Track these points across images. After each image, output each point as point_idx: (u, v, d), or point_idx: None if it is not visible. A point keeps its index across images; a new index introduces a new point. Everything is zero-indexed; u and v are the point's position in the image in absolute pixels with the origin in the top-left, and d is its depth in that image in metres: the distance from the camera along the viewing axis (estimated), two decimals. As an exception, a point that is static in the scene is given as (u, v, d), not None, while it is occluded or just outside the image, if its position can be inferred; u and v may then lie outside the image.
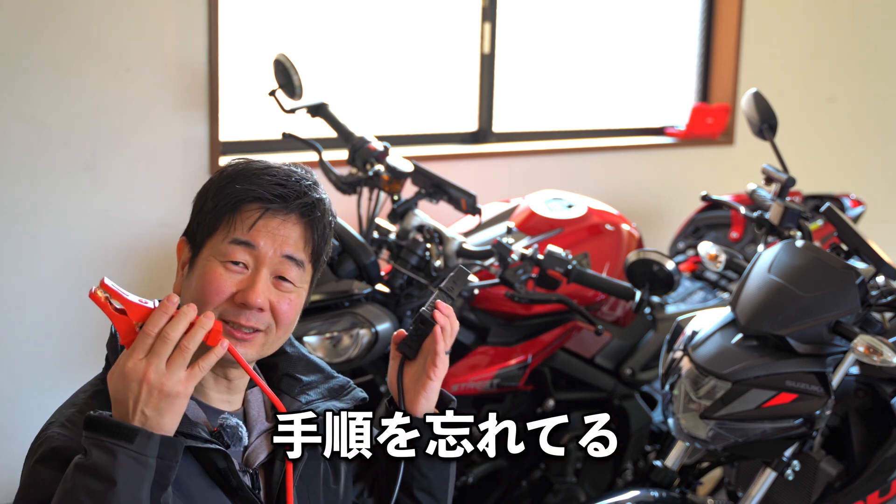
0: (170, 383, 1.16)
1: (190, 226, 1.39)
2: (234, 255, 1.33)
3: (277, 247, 1.35)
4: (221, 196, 1.35)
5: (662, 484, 2.20)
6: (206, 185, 1.40)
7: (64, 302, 3.00)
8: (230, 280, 1.33)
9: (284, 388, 1.45)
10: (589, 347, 2.81)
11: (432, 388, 1.46)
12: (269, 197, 1.34)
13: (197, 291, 1.33)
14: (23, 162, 2.89)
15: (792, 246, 2.22)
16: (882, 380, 2.25)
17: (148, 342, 1.17)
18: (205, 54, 3.11)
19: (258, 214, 1.34)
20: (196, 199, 1.40)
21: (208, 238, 1.35)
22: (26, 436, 3.21)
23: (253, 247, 1.34)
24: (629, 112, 4.45)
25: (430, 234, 2.59)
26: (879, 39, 5.04)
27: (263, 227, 1.34)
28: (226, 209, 1.34)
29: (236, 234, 1.33)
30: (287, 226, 1.36)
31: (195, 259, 1.36)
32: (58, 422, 1.31)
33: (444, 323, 1.45)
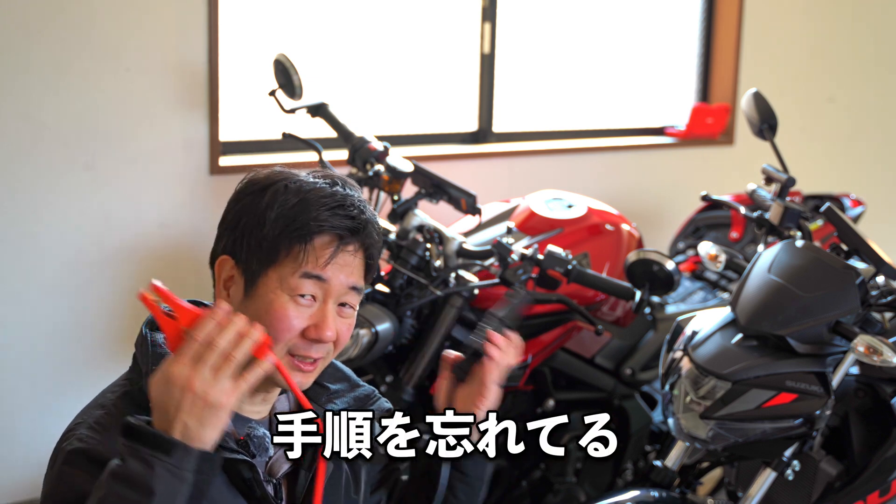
0: (214, 393, 1.12)
1: (235, 246, 1.33)
2: (305, 290, 1.31)
3: (346, 279, 1.34)
4: (284, 223, 1.30)
5: (662, 484, 2.19)
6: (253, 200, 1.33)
7: (64, 302, 3.00)
8: (300, 314, 1.31)
9: (311, 396, 1.44)
10: (589, 347, 2.81)
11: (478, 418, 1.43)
12: (342, 231, 1.32)
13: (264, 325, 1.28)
14: (23, 162, 2.89)
15: (792, 246, 2.22)
16: (882, 380, 2.25)
17: (195, 349, 1.13)
18: (205, 54, 3.11)
19: (332, 249, 1.31)
20: (238, 213, 1.34)
21: (270, 266, 1.31)
22: (26, 436, 3.23)
23: (324, 281, 1.32)
24: (629, 112, 4.45)
25: (430, 234, 2.59)
26: (879, 39, 5.04)
27: (335, 262, 1.32)
28: (294, 240, 1.30)
29: (308, 268, 1.30)
30: (355, 258, 1.35)
31: (254, 287, 1.32)
32: (85, 423, 1.28)
33: (495, 355, 1.43)
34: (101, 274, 3.05)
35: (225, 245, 1.35)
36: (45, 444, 3.06)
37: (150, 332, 1.34)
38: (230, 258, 1.34)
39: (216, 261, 1.36)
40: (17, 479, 2.99)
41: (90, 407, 1.32)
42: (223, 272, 1.35)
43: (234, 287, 1.34)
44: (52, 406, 3.02)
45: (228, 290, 1.35)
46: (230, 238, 1.34)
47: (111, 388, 1.35)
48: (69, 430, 1.29)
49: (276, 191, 1.32)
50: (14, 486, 2.99)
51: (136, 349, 1.36)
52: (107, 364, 3.08)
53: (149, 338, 1.33)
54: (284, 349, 1.32)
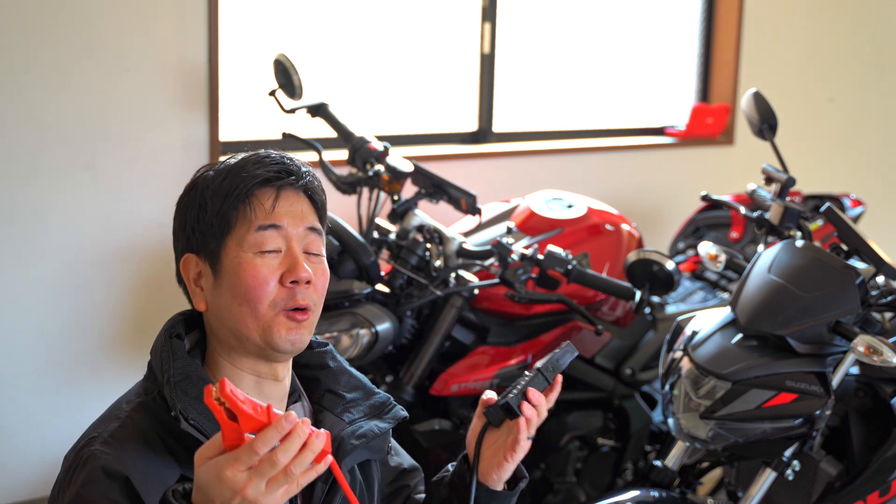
0: (265, 501, 1.09)
1: (190, 240, 1.36)
2: (266, 243, 1.32)
3: (299, 222, 1.35)
4: (223, 194, 1.33)
5: (662, 484, 2.20)
6: (188, 196, 1.37)
7: (64, 301, 3.00)
8: (270, 266, 1.32)
9: (327, 405, 1.44)
10: (589, 347, 2.81)
11: (507, 469, 1.44)
12: (275, 176, 1.35)
13: (240, 292, 1.31)
14: (23, 162, 2.89)
15: (792, 246, 2.22)
16: (882, 380, 2.25)
17: (254, 458, 1.08)
18: (205, 54, 3.11)
19: (273, 195, 1.34)
20: (181, 214, 1.38)
21: (226, 236, 1.33)
22: (26, 436, 3.22)
23: (279, 227, 1.33)
24: (629, 112, 4.45)
25: (430, 234, 2.59)
26: (879, 39, 5.04)
27: (281, 206, 1.34)
28: (236, 202, 1.33)
29: (259, 220, 1.33)
30: (300, 200, 1.37)
31: (219, 264, 1.33)
32: (101, 437, 1.27)
33: (530, 415, 1.42)
34: (101, 274, 3.05)
35: (181, 248, 1.38)
36: (44, 443, 3.08)
37: (168, 339, 1.33)
38: (191, 254, 1.36)
39: (180, 269, 1.37)
40: (17, 479, 2.99)
41: (105, 419, 1.31)
42: (189, 272, 1.37)
43: (204, 279, 1.35)
44: (51, 406, 3.02)
45: (200, 286, 1.36)
46: (183, 239, 1.37)
47: (126, 398, 1.34)
48: (85, 444, 1.27)
49: (203, 178, 1.38)
50: (14, 487, 2.99)
51: (152, 356, 1.35)
52: (107, 364, 3.08)
53: (169, 345, 1.32)
54: (274, 307, 1.32)
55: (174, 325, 1.37)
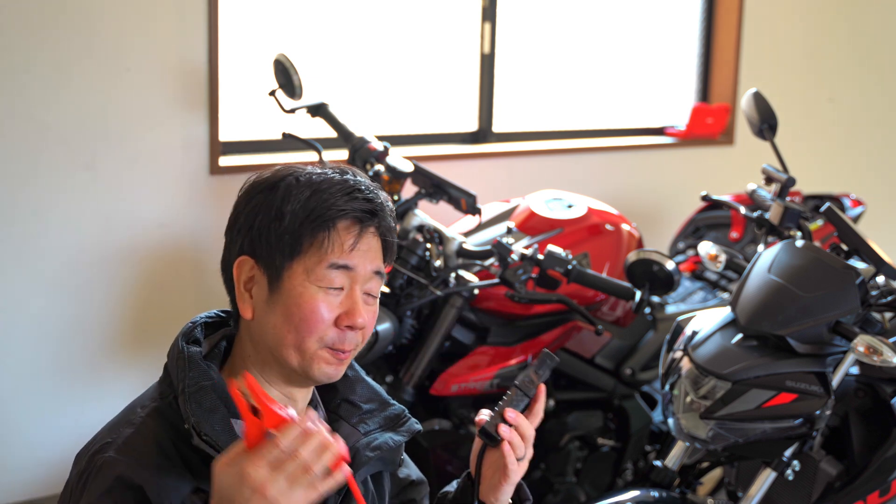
0: (285, 501, 1.09)
1: (254, 244, 1.31)
2: (334, 281, 1.30)
3: (369, 264, 1.33)
4: (305, 214, 1.29)
5: (662, 484, 2.20)
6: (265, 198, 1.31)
7: (64, 301, 3.00)
8: (330, 305, 1.30)
9: (343, 415, 1.43)
10: (589, 347, 2.81)
11: (504, 491, 1.43)
12: (361, 215, 1.31)
13: (295, 320, 1.29)
14: (23, 162, 2.89)
15: (792, 246, 2.22)
16: (882, 380, 2.25)
17: (275, 454, 1.09)
18: (205, 54, 3.11)
19: (355, 235, 1.31)
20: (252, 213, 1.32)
21: (295, 258, 1.29)
22: (26, 436, 3.22)
23: (351, 269, 1.31)
24: (629, 112, 4.45)
25: (430, 234, 2.59)
26: (879, 40, 5.04)
27: (359, 246, 1.31)
28: (317, 228, 1.29)
29: (334, 257, 1.30)
30: (376, 241, 1.34)
31: (279, 282, 1.30)
32: (115, 443, 1.25)
33: (510, 437, 1.40)
34: (101, 274, 3.05)
35: (241, 246, 1.33)
36: (45, 443, 3.08)
37: (186, 345, 1.31)
38: (249, 258, 1.32)
39: (234, 264, 1.33)
40: (17, 479, 2.99)
41: (119, 423, 1.29)
42: (242, 274, 1.33)
43: (257, 287, 1.32)
44: (52, 406, 3.02)
45: (250, 291, 1.33)
46: (246, 239, 1.32)
47: (141, 403, 1.32)
48: (98, 449, 1.26)
49: (288, 185, 1.31)
50: (14, 486, 2.99)
51: (168, 360, 1.33)
52: (106, 364, 3.08)
53: (186, 352, 1.30)
54: (320, 343, 1.30)
55: (191, 330, 1.35)
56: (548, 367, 1.44)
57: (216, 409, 1.26)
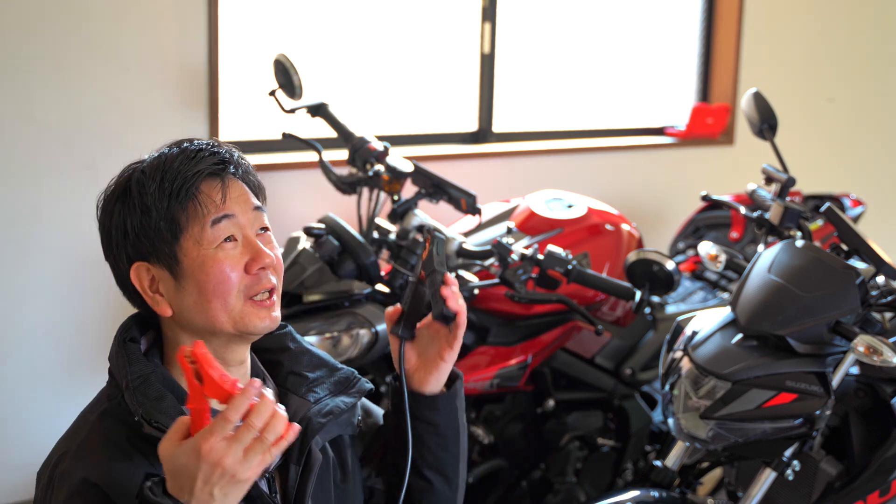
0: (243, 470, 1.12)
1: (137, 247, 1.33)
2: (223, 234, 1.33)
3: (246, 206, 1.36)
4: (168, 196, 1.32)
5: (662, 484, 2.19)
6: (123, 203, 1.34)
7: (64, 302, 3.00)
8: (232, 258, 1.33)
9: (291, 387, 1.44)
10: (589, 347, 2.81)
11: (444, 370, 1.46)
12: (216, 168, 1.35)
13: (208, 289, 1.31)
14: (23, 162, 2.89)
15: (792, 246, 2.22)
16: (882, 380, 2.25)
17: (227, 427, 1.12)
18: (205, 54, 3.11)
19: (220, 186, 1.34)
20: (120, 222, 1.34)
21: (180, 237, 1.32)
22: (26, 436, 3.22)
23: (232, 216, 1.34)
24: (629, 112, 4.45)
25: (431, 234, 2.58)
26: (879, 39, 5.04)
27: (230, 195, 1.34)
28: (185, 200, 1.32)
29: (212, 214, 1.32)
30: (240, 185, 1.37)
31: (178, 266, 1.32)
32: (70, 452, 1.27)
33: (461, 308, 1.43)
34: (101, 274, 3.02)
35: (128, 256, 1.35)
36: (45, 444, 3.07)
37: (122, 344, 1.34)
38: (141, 262, 1.34)
39: (130, 276, 1.35)
40: (16, 479, 2.99)
41: (71, 433, 1.32)
42: (142, 280, 1.35)
43: (162, 284, 1.34)
44: (51, 406, 3.02)
45: (158, 292, 1.35)
46: (128, 248, 1.34)
47: (89, 409, 1.35)
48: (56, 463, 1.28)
49: (137, 181, 1.36)
50: (14, 486, 2.99)
51: (110, 363, 1.36)
52: (106, 363, 3.07)
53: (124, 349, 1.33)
54: (240, 296, 1.32)
55: (127, 329, 1.37)
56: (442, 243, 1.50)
57: (163, 397, 1.29)
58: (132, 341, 1.36)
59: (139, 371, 1.31)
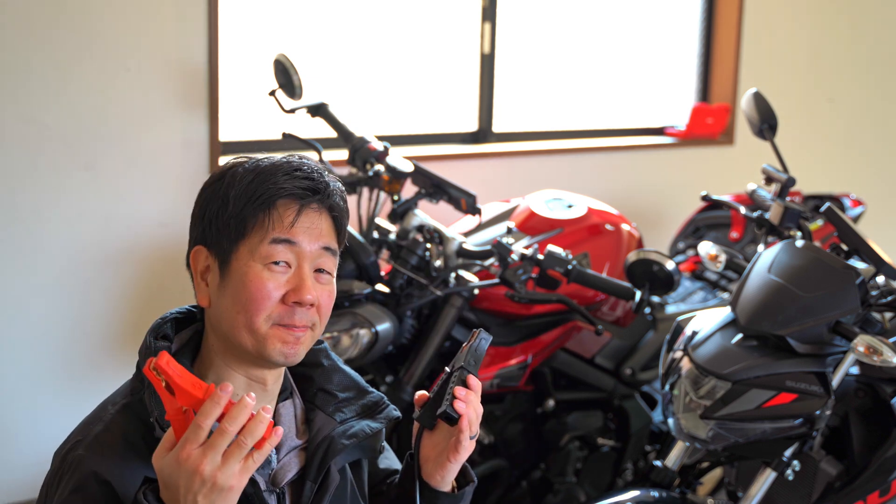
0: (223, 477, 1.12)
1: (205, 233, 1.34)
2: (277, 255, 1.31)
3: (315, 240, 1.33)
4: (247, 197, 1.31)
5: (662, 484, 2.20)
6: (215, 188, 1.35)
7: (64, 301, 3.00)
8: (276, 281, 1.30)
9: (319, 404, 1.43)
10: (589, 347, 2.81)
11: (450, 470, 1.41)
12: (301, 192, 1.32)
13: (242, 299, 1.30)
14: (23, 162, 2.89)
15: (792, 246, 2.22)
16: (882, 380, 2.25)
17: (201, 434, 1.11)
18: (205, 54, 3.11)
19: (295, 210, 1.32)
20: (203, 204, 1.35)
21: (239, 241, 1.31)
22: (26, 435, 3.22)
23: (294, 244, 1.32)
24: (629, 112, 4.45)
25: (430, 234, 2.59)
26: (879, 39, 5.04)
27: (301, 223, 1.32)
28: (257, 209, 1.31)
29: (276, 233, 1.31)
30: (321, 218, 1.35)
31: (228, 266, 1.32)
32: (85, 441, 1.27)
33: (465, 413, 1.36)
34: (101, 274, 3.05)
35: (195, 237, 1.36)
36: (45, 444, 3.07)
37: (154, 341, 1.33)
38: (203, 247, 1.35)
39: (189, 257, 1.37)
40: (16, 479, 2.99)
41: (90, 421, 1.31)
42: (198, 264, 1.35)
43: (211, 275, 1.34)
44: (51, 406, 3.02)
45: (206, 281, 1.35)
46: (199, 229, 1.35)
47: (112, 400, 1.34)
48: (69, 450, 1.27)
49: (233, 173, 1.34)
50: (14, 487, 2.99)
51: (139, 357, 1.34)
52: (107, 364, 3.08)
53: (153, 347, 1.31)
54: (269, 321, 1.30)
55: (160, 326, 1.36)
56: (485, 344, 1.45)
57: None
58: (164, 339, 1.35)
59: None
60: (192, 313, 1.43)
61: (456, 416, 1.36)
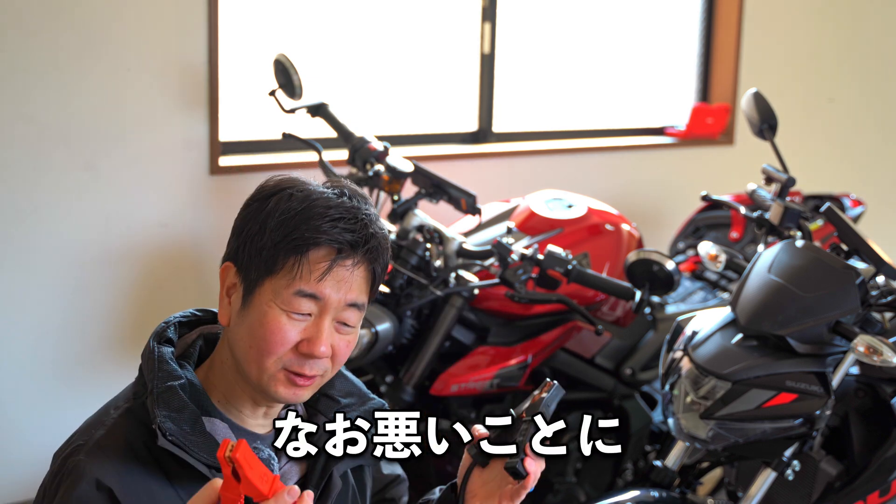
0: None
1: (238, 252, 1.30)
2: (299, 308, 1.27)
3: (343, 295, 1.29)
4: (283, 233, 1.26)
5: (662, 484, 2.20)
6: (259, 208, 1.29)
7: (64, 302, 3.00)
8: (294, 329, 1.27)
9: (321, 409, 1.43)
10: (589, 347, 2.81)
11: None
12: (339, 245, 1.27)
13: (256, 337, 1.28)
14: (23, 162, 2.89)
15: (792, 246, 2.22)
16: (882, 380, 2.25)
17: None
18: (205, 54, 3.11)
19: (327, 265, 1.27)
20: (244, 220, 1.31)
21: (267, 277, 1.27)
22: (26, 435, 3.22)
23: (320, 299, 1.28)
24: (629, 112, 4.45)
25: (430, 234, 2.59)
26: (879, 39, 5.04)
27: (331, 277, 1.27)
28: (290, 251, 1.26)
29: (303, 284, 1.26)
30: (354, 273, 1.29)
31: (251, 297, 1.29)
32: (87, 445, 1.25)
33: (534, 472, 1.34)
34: (101, 274, 3.05)
35: (230, 251, 1.33)
36: (45, 444, 3.07)
37: (157, 345, 1.32)
38: (233, 265, 1.32)
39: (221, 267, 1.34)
40: (17, 479, 2.99)
41: (91, 425, 1.30)
42: (227, 279, 1.33)
43: (235, 295, 1.32)
44: (52, 406, 3.02)
45: (230, 297, 1.32)
46: (235, 244, 1.32)
47: (115, 403, 1.32)
48: (69, 454, 1.26)
49: (280, 198, 1.29)
50: (14, 486, 2.99)
51: (142, 361, 1.33)
52: (107, 364, 3.08)
53: (156, 352, 1.30)
54: (279, 364, 1.28)
55: (164, 331, 1.35)
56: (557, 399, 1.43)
57: (184, 408, 1.26)
58: (167, 343, 1.34)
59: (165, 378, 1.28)
60: (197, 317, 1.42)
61: (524, 474, 1.34)
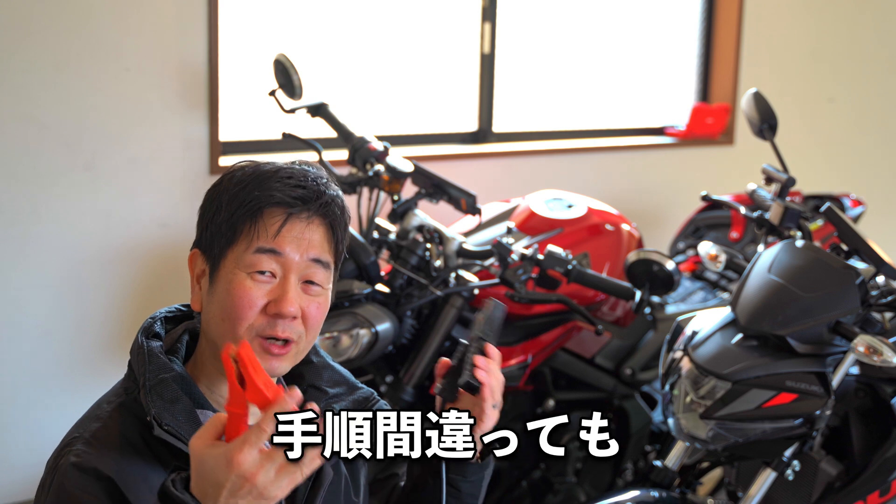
0: (273, 489, 1.08)
1: (201, 237, 1.34)
2: (261, 265, 1.29)
3: (303, 251, 1.30)
4: (237, 203, 1.30)
5: (662, 484, 2.20)
6: (213, 191, 1.34)
7: (64, 301, 3.00)
8: (259, 291, 1.29)
9: (310, 400, 1.40)
10: (589, 347, 2.81)
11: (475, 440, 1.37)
12: (290, 200, 1.30)
13: (226, 307, 1.29)
14: (23, 162, 2.89)
15: (792, 246, 2.22)
16: (882, 380, 2.25)
17: (263, 438, 1.07)
18: (205, 54, 3.11)
19: (281, 220, 1.29)
20: (203, 207, 1.35)
21: (228, 248, 1.30)
22: (26, 435, 3.22)
23: (279, 254, 1.29)
24: (629, 112, 4.45)
25: (430, 234, 2.59)
26: (879, 39, 5.04)
27: (288, 232, 1.29)
28: (245, 217, 1.29)
29: (260, 242, 1.29)
30: (311, 228, 1.31)
31: (216, 272, 1.31)
32: (82, 438, 1.26)
33: (487, 381, 1.36)
34: (101, 274, 3.05)
35: (196, 240, 1.36)
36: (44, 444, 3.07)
37: (146, 339, 1.32)
38: (198, 251, 1.35)
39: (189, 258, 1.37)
40: (17, 479, 2.99)
41: (86, 419, 1.30)
42: (195, 267, 1.35)
43: (203, 280, 1.34)
44: (52, 406, 3.02)
45: (200, 284, 1.34)
46: (198, 232, 1.35)
47: (107, 399, 1.33)
48: (65, 445, 1.27)
49: (231, 175, 1.33)
50: (14, 486, 2.99)
51: (131, 356, 1.34)
52: (106, 364, 3.08)
53: (145, 346, 1.31)
54: (252, 331, 1.29)
55: (151, 326, 1.36)
56: (500, 314, 1.45)
57: (177, 399, 1.27)
58: (155, 337, 1.34)
59: (156, 371, 1.29)
60: (183, 312, 1.43)
61: (477, 385, 1.36)
